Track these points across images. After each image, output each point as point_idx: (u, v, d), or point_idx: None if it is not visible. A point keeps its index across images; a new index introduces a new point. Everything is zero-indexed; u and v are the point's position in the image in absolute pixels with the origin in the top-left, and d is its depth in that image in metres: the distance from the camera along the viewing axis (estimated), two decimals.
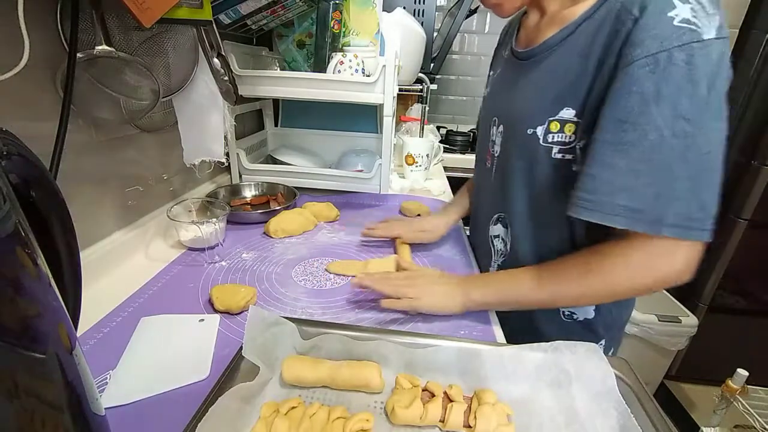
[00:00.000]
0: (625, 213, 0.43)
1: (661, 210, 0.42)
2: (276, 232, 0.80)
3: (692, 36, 0.38)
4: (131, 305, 0.57)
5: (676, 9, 0.39)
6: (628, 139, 0.42)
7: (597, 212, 0.44)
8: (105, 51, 0.54)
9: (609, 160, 0.43)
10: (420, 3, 1.31)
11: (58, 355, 0.22)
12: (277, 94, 0.93)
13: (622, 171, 0.42)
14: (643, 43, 0.40)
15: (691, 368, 1.66)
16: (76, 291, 0.31)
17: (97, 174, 0.63)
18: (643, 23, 0.41)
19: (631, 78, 0.41)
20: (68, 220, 0.29)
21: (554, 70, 0.51)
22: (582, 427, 0.38)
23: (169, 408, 0.41)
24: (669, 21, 0.39)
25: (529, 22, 0.59)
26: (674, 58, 0.39)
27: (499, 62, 0.69)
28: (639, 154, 0.41)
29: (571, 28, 0.49)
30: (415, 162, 1.16)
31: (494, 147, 0.63)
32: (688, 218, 0.41)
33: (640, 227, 0.42)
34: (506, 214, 0.62)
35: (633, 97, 0.41)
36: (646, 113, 0.40)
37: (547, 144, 0.51)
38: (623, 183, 0.42)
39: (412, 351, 0.44)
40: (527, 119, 0.53)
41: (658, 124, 0.40)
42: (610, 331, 0.62)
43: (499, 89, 0.65)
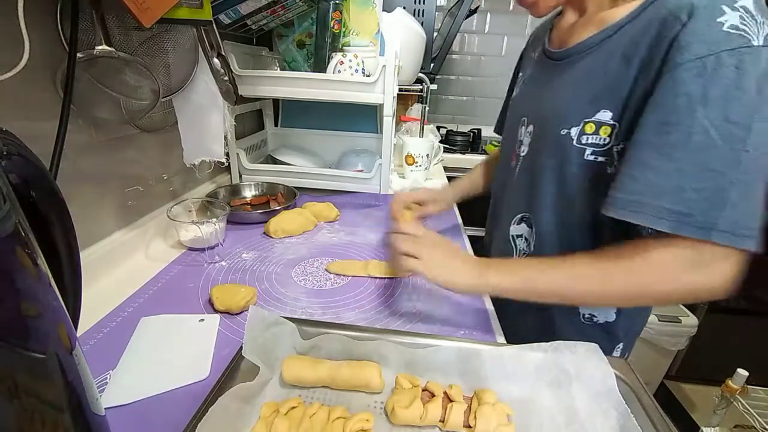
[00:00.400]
0: (672, 216, 0.41)
1: (711, 214, 0.40)
2: (276, 232, 0.80)
3: (741, 41, 0.38)
4: (131, 305, 0.57)
5: (725, 15, 0.39)
6: (672, 141, 0.41)
7: (641, 214, 0.42)
8: (105, 51, 0.54)
9: (651, 161, 0.42)
10: (420, 3, 1.31)
11: (58, 355, 0.22)
12: (277, 94, 0.93)
13: (666, 172, 0.41)
14: (690, 46, 0.40)
15: (691, 368, 1.66)
16: (76, 291, 0.31)
17: (97, 174, 0.63)
18: (691, 28, 0.40)
19: (678, 81, 0.40)
20: (68, 220, 0.29)
21: (592, 71, 0.50)
22: (582, 427, 0.38)
23: (169, 408, 0.41)
24: (718, 26, 0.39)
25: (563, 23, 0.59)
26: (723, 62, 0.39)
27: (528, 64, 0.68)
28: (685, 156, 0.40)
29: (611, 30, 0.49)
30: (415, 162, 1.16)
31: (521, 147, 0.62)
32: (738, 225, 0.40)
33: (688, 231, 0.41)
34: (531, 214, 0.61)
35: (679, 99, 0.40)
36: (692, 115, 0.40)
37: (581, 145, 0.51)
38: (669, 185, 0.41)
39: (412, 351, 0.44)
40: (561, 119, 0.53)
41: (705, 126, 0.39)
42: (628, 336, 0.62)
43: (529, 90, 0.65)
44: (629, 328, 0.61)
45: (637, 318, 0.61)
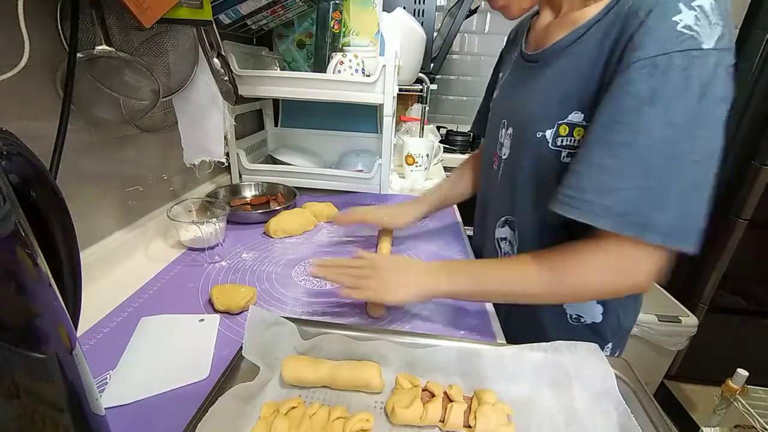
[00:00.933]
0: (611, 215, 0.42)
1: (649, 215, 0.41)
2: (276, 232, 0.80)
3: (692, 43, 0.38)
4: (131, 305, 0.57)
5: (681, 14, 0.39)
6: (619, 140, 0.41)
7: (581, 210, 0.43)
8: (105, 51, 0.54)
9: (598, 159, 0.43)
10: (420, 3, 1.31)
11: (58, 355, 0.22)
12: (277, 94, 0.93)
13: (611, 171, 0.42)
14: (643, 45, 0.40)
15: (691, 368, 1.66)
16: (76, 291, 0.31)
17: (97, 174, 0.63)
18: (646, 25, 0.40)
19: (629, 79, 0.41)
20: (68, 220, 0.29)
21: (564, 73, 0.51)
22: (582, 427, 0.38)
23: (169, 408, 0.41)
24: (673, 25, 0.39)
25: (539, 24, 0.59)
26: (673, 63, 0.39)
27: (507, 65, 0.68)
28: (629, 156, 0.41)
29: (581, 31, 0.49)
30: (415, 162, 1.16)
31: (502, 149, 0.62)
32: (674, 226, 0.41)
33: (627, 231, 0.41)
34: (513, 216, 0.62)
35: (628, 98, 0.41)
36: (639, 115, 0.40)
37: (556, 147, 0.51)
38: (611, 184, 0.42)
39: (412, 351, 0.44)
40: (536, 122, 0.53)
41: (650, 127, 0.40)
42: (616, 335, 0.62)
43: (508, 92, 0.65)
44: (616, 328, 0.61)
45: (624, 318, 0.61)
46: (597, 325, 0.60)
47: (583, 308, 0.60)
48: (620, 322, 0.61)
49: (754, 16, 1.49)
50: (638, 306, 0.64)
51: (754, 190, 1.44)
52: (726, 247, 1.53)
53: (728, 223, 1.52)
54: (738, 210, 1.48)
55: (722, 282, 1.57)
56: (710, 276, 1.58)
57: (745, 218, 1.47)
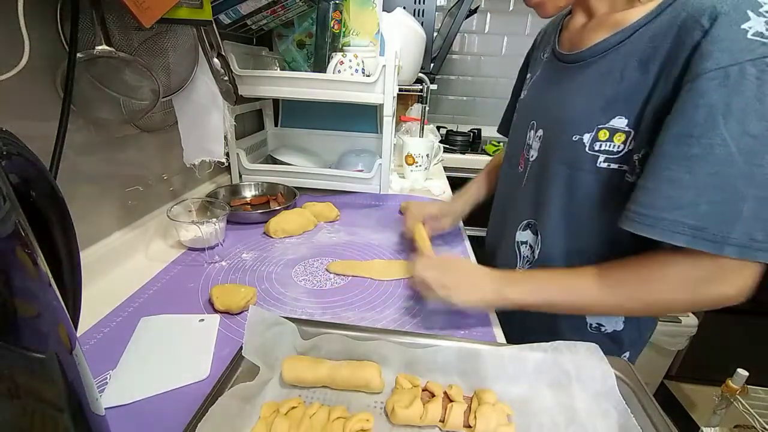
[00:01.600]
0: (687, 230, 0.41)
1: (725, 229, 0.40)
2: (276, 232, 0.80)
3: (765, 50, 0.37)
4: (131, 305, 0.57)
5: (750, 21, 0.38)
6: (693, 153, 0.40)
7: (656, 228, 0.42)
8: (105, 51, 0.54)
9: (670, 174, 0.41)
10: (420, 3, 1.31)
11: (58, 355, 0.22)
12: (277, 94, 0.93)
13: (685, 186, 0.40)
14: (712, 55, 0.39)
15: (691, 368, 1.66)
16: (76, 291, 0.31)
17: (97, 174, 0.63)
18: (713, 34, 0.39)
19: (699, 91, 0.39)
20: (68, 220, 0.29)
21: (606, 75, 0.49)
22: (582, 427, 0.38)
23: (169, 408, 0.41)
24: (742, 33, 0.38)
25: (573, 24, 0.57)
26: (746, 73, 0.37)
27: (536, 65, 0.66)
28: (705, 169, 0.40)
29: (626, 33, 0.47)
30: (415, 162, 1.16)
31: (530, 152, 0.61)
32: (751, 239, 0.39)
33: (703, 246, 0.40)
34: (537, 221, 0.60)
35: (700, 110, 0.39)
36: (714, 127, 0.39)
37: (594, 152, 0.50)
38: (685, 199, 0.41)
39: (412, 351, 0.44)
40: (573, 125, 0.51)
41: (725, 139, 0.38)
42: (634, 345, 0.61)
43: (538, 93, 0.63)
44: (636, 338, 0.60)
45: (643, 327, 0.60)
46: (617, 334, 0.59)
47: (605, 317, 0.59)
48: (640, 332, 0.60)
49: None
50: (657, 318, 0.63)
51: None
52: None
53: None
54: None
55: None
56: None
57: None
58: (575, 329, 0.60)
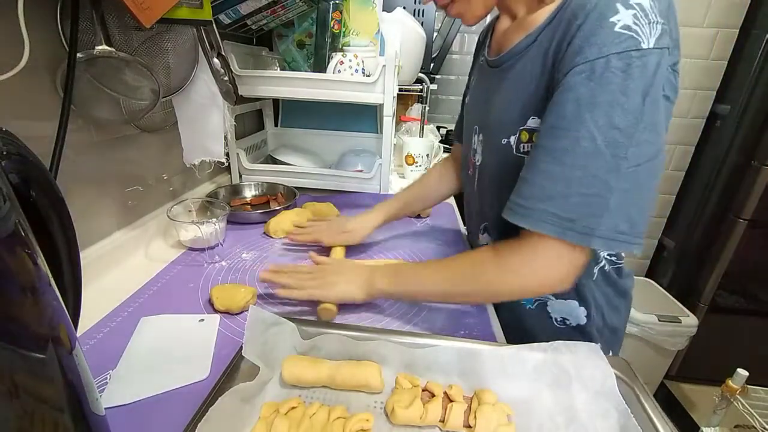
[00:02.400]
0: (556, 221, 0.41)
1: (593, 221, 0.40)
2: (276, 232, 0.80)
3: (631, 43, 0.37)
4: (131, 305, 0.57)
5: (618, 14, 0.38)
6: (561, 146, 0.41)
7: (528, 218, 0.43)
8: (105, 51, 0.54)
9: (543, 166, 0.42)
10: (420, 3, 1.31)
11: (58, 355, 0.22)
12: (277, 94, 0.93)
13: (556, 178, 0.41)
14: (582, 49, 0.39)
15: (691, 368, 1.66)
16: (76, 291, 0.31)
17: (97, 174, 0.63)
18: (584, 29, 0.40)
19: (568, 84, 0.40)
20: (68, 220, 0.29)
21: (520, 78, 0.50)
22: (582, 427, 0.38)
23: (169, 408, 0.41)
24: (610, 27, 0.38)
25: (499, 28, 0.58)
26: (611, 66, 0.38)
27: (475, 70, 0.67)
28: (572, 161, 0.40)
29: (533, 35, 0.48)
30: (415, 162, 1.16)
31: (476, 156, 0.62)
32: (616, 231, 0.40)
33: (571, 237, 0.41)
34: (488, 223, 0.62)
35: (568, 104, 0.40)
36: (580, 120, 0.40)
37: (520, 154, 0.50)
38: (556, 190, 0.41)
39: (412, 351, 0.44)
40: (501, 129, 0.53)
41: (592, 132, 0.39)
42: (604, 335, 0.61)
43: (476, 97, 0.64)
44: (604, 327, 0.61)
45: (610, 316, 0.60)
46: (582, 327, 0.60)
47: (566, 311, 0.59)
48: (605, 321, 0.60)
49: (754, 16, 1.49)
50: (627, 303, 0.63)
51: (754, 190, 1.44)
52: (726, 247, 1.53)
53: (728, 223, 1.52)
54: (738, 210, 1.48)
55: (722, 282, 1.57)
56: (710, 276, 1.58)
57: (745, 218, 1.47)
58: (540, 324, 0.61)
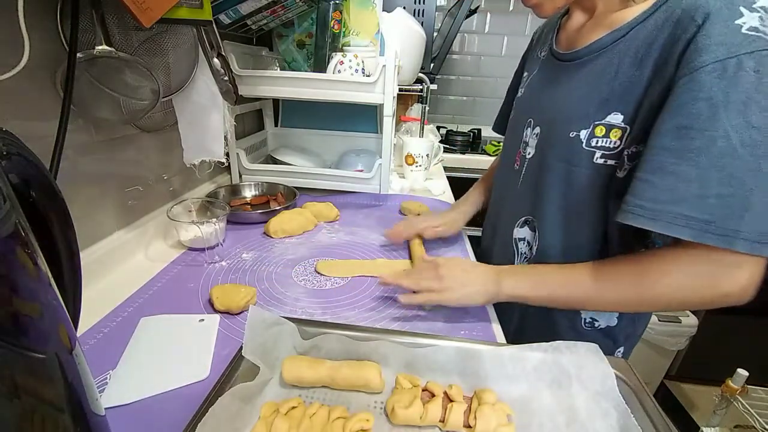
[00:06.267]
0: (693, 224, 0.40)
1: (733, 222, 0.39)
2: (276, 232, 0.80)
3: (761, 44, 0.37)
4: (131, 305, 0.57)
5: (743, 17, 0.38)
6: (695, 146, 0.40)
7: (659, 222, 0.41)
8: (105, 51, 0.53)
9: (671, 167, 0.41)
10: (420, 3, 1.30)
11: (58, 355, 0.22)
12: (277, 94, 0.93)
13: (688, 179, 0.40)
14: (708, 48, 0.39)
15: (691, 368, 1.66)
16: (76, 291, 0.31)
17: (97, 174, 0.63)
18: (708, 30, 0.39)
19: (698, 84, 0.39)
20: (68, 220, 0.29)
21: (602, 73, 0.49)
22: (582, 427, 0.38)
23: (169, 408, 0.41)
24: (737, 28, 0.38)
25: (571, 24, 0.58)
26: (743, 65, 0.38)
27: (534, 64, 0.67)
28: (708, 162, 0.39)
29: (622, 32, 0.48)
30: (415, 162, 1.16)
31: (527, 149, 0.61)
32: (761, 233, 0.39)
33: (710, 240, 0.40)
34: (535, 217, 0.60)
35: (699, 103, 0.39)
36: (715, 119, 0.39)
37: (590, 148, 0.50)
38: (689, 191, 0.40)
39: (412, 351, 0.44)
40: (570, 122, 0.52)
41: (728, 131, 0.38)
42: (629, 340, 0.61)
43: (535, 91, 0.63)
44: (630, 333, 0.61)
45: (638, 322, 0.61)
46: (611, 329, 0.59)
47: (599, 312, 0.59)
48: (635, 326, 0.60)
49: None
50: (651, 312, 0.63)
51: None
52: None
53: None
54: None
55: None
56: None
57: None
58: (570, 324, 0.61)
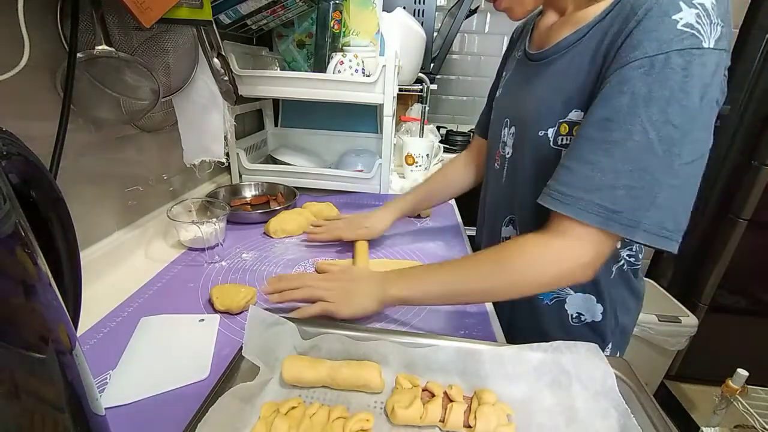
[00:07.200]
0: (601, 212, 0.42)
1: (638, 215, 0.41)
2: (276, 232, 0.80)
3: (693, 42, 0.38)
4: (131, 305, 0.57)
5: (681, 12, 0.38)
6: (613, 138, 0.41)
7: (572, 206, 0.43)
8: (105, 51, 0.54)
9: (591, 156, 0.43)
10: (420, 3, 1.31)
11: (58, 355, 0.22)
12: (277, 94, 0.93)
13: (604, 169, 0.42)
14: (641, 44, 0.40)
15: (691, 368, 1.66)
16: (76, 291, 0.31)
17: (97, 174, 0.63)
18: (644, 25, 0.40)
19: (624, 78, 0.41)
20: (68, 220, 0.29)
21: (566, 72, 0.51)
22: (582, 427, 0.38)
23: (169, 408, 0.41)
24: (672, 24, 0.38)
25: (543, 23, 0.59)
26: (671, 62, 0.38)
27: (511, 64, 0.68)
28: (623, 154, 0.41)
29: (583, 30, 0.49)
30: (415, 162, 1.16)
31: (505, 149, 0.62)
32: (661, 227, 0.41)
33: (614, 228, 0.42)
34: (516, 215, 0.62)
35: (624, 96, 0.41)
36: (635, 114, 0.40)
37: (557, 146, 0.51)
38: (603, 181, 0.42)
39: (412, 351, 0.44)
40: (538, 121, 0.53)
41: (645, 127, 0.40)
42: (615, 335, 0.62)
43: (510, 90, 0.65)
44: (616, 327, 0.61)
45: (622, 317, 0.61)
46: (597, 324, 0.60)
47: (584, 306, 0.60)
48: (618, 320, 0.61)
49: (754, 16, 1.49)
50: (639, 306, 0.64)
51: (754, 190, 1.44)
52: (726, 247, 1.53)
53: (728, 223, 1.52)
54: (738, 210, 1.48)
55: (722, 282, 1.57)
56: (710, 276, 1.58)
57: (745, 218, 1.47)
58: (556, 320, 0.61)
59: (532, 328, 0.62)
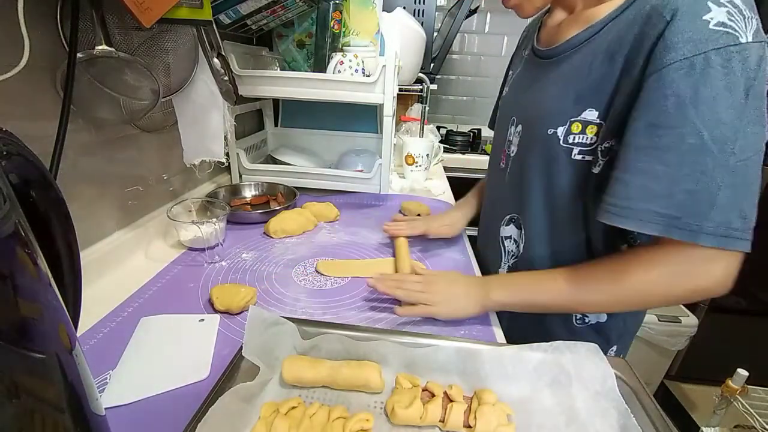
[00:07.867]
0: (662, 220, 0.41)
1: (700, 218, 0.40)
2: (276, 232, 0.80)
3: (729, 39, 0.37)
4: (131, 305, 0.57)
5: (711, 12, 0.38)
6: (664, 144, 0.40)
7: (631, 219, 0.42)
8: (105, 51, 0.53)
9: (643, 165, 0.42)
10: (420, 3, 1.31)
11: (58, 355, 0.22)
12: (277, 94, 0.93)
13: (658, 176, 0.41)
14: (676, 46, 0.39)
15: (691, 368, 1.66)
16: (76, 291, 0.31)
17: (97, 174, 0.63)
18: (676, 26, 0.39)
19: (666, 81, 0.40)
20: (68, 220, 0.29)
21: (577, 70, 0.50)
22: (582, 427, 0.38)
23: (169, 408, 0.41)
24: (704, 24, 0.38)
25: (551, 21, 0.58)
26: (711, 62, 0.38)
27: (518, 62, 0.68)
28: (677, 159, 0.40)
29: (596, 28, 0.48)
30: (415, 162, 1.16)
31: (510, 147, 0.62)
32: (727, 227, 0.40)
33: (677, 235, 0.41)
34: (520, 215, 0.61)
35: (668, 100, 0.40)
36: (683, 116, 0.39)
37: (567, 145, 0.51)
38: (659, 189, 0.41)
39: (412, 351, 0.44)
40: (548, 119, 0.53)
41: (697, 128, 0.39)
42: (621, 338, 0.62)
43: (518, 89, 0.64)
44: (621, 329, 0.61)
45: (629, 319, 0.61)
46: (601, 326, 0.60)
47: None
48: (625, 323, 0.61)
49: None
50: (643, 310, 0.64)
51: None
52: None
53: None
54: None
55: None
56: None
57: None
58: (562, 322, 0.61)
59: (534, 328, 0.62)
